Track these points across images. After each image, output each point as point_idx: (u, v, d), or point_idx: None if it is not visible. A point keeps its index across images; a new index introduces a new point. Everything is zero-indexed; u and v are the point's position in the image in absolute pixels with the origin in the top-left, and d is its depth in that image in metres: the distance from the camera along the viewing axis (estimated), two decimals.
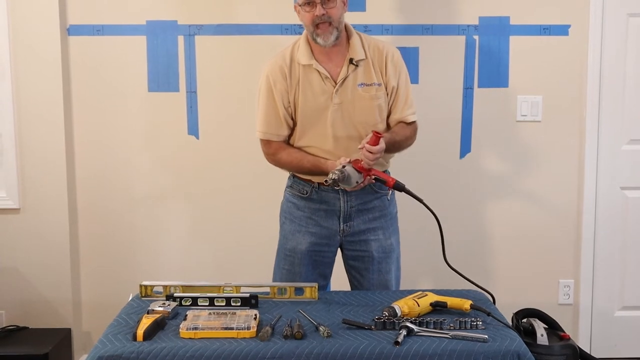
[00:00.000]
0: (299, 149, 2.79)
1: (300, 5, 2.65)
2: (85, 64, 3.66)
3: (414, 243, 3.62)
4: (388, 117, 2.82)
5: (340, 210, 2.80)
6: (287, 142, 2.83)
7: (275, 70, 2.73)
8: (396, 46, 3.51)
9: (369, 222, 2.83)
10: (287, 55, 2.75)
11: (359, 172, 2.53)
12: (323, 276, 2.90)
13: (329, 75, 2.69)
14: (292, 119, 2.77)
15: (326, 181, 2.47)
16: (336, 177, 2.45)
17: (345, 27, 2.76)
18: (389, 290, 2.84)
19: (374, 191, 2.81)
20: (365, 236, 2.83)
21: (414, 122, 2.84)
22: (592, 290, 3.83)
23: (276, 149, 2.80)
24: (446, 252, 3.67)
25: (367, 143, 2.51)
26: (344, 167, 2.50)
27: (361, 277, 2.89)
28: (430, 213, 2.56)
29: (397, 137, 2.75)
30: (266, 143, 2.82)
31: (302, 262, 2.84)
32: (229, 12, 3.63)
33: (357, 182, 2.52)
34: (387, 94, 2.77)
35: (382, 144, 2.53)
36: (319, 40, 2.64)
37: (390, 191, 2.86)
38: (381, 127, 2.77)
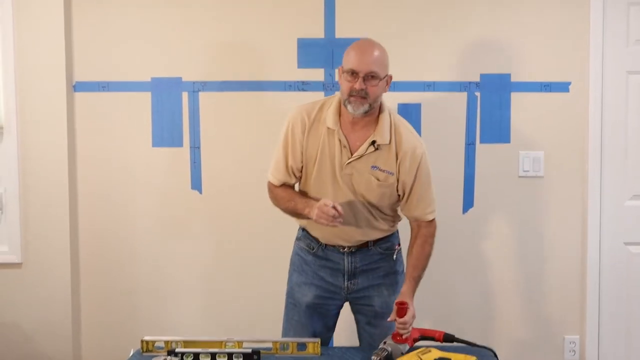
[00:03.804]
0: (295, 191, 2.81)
1: (344, 72, 2.60)
2: (90, 119, 3.70)
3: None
4: (402, 207, 2.81)
5: (344, 269, 2.80)
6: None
7: (297, 120, 2.71)
8: (398, 102, 3.58)
9: (373, 280, 2.82)
10: (312, 112, 2.71)
11: (402, 343, 2.45)
12: (327, 327, 2.89)
13: (347, 146, 2.65)
14: (300, 170, 2.75)
15: None
16: (378, 359, 2.36)
17: (380, 104, 2.70)
18: None
19: (379, 253, 2.82)
20: (368, 292, 2.82)
21: (432, 221, 2.83)
22: (598, 346, 3.79)
23: (278, 187, 2.80)
24: (451, 307, 3.66)
25: (398, 317, 2.48)
26: (385, 342, 2.44)
27: (364, 331, 2.88)
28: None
29: (420, 271, 2.74)
30: (272, 184, 2.83)
31: (306, 313, 2.83)
32: (233, 69, 3.68)
33: (402, 353, 2.41)
34: (400, 187, 2.73)
35: (411, 310, 2.52)
36: (348, 107, 2.59)
37: (396, 250, 2.86)
38: (384, 207, 2.75)
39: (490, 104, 3.71)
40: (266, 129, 3.64)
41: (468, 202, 3.73)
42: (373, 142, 2.64)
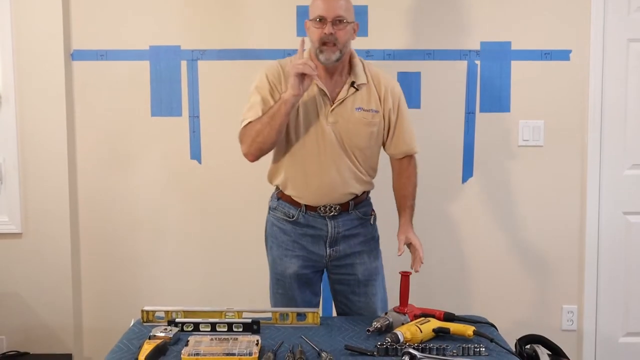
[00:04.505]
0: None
1: (310, 20, 2.64)
2: (88, 88, 3.68)
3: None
4: (389, 145, 2.85)
5: (327, 235, 2.79)
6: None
7: (272, 71, 2.70)
8: (398, 71, 3.59)
9: (354, 247, 2.83)
10: (286, 66, 2.70)
11: (403, 314, 2.46)
12: (314, 294, 2.91)
13: (327, 93, 2.68)
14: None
15: (368, 330, 2.39)
16: (380, 325, 2.38)
17: (350, 51, 2.75)
18: (376, 313, 2.84)
19: (359, 217, 2.83)
20: (350, 260, 2.83)
21: (414, 155, 2.91)
22: (595, 316, 3.82)
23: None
24: (448, 277, 3.67)
25: (402, 289, 2.52)
26: (386, 313, 2.45)
27: (347, 301, 2.88)
28: None
29: (412, 200, 2.87)
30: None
31: (293, 285, 2.83)
32: (232, 37, 3.66)
33: (402, 324, 2.40)
34: (385, 124, 2.79)
35: (416, 239, 2.72)
36: (321, 57, 2.62)
37: (372, 216, 2.88)
38: (368, 153, 2.77)
39: (490, 73, 3.69)
40: None
41: (467, 172, 3.73)
42: (352, 83, 2.69)
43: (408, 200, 2.85)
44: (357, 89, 2.70)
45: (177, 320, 2.41)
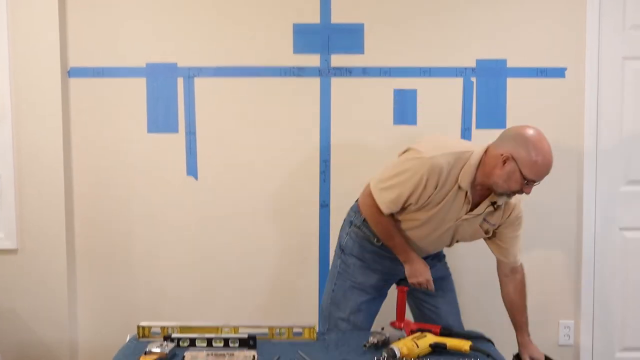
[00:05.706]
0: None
1: (523, 177, 2.64)
2: (85, 105, 3.69)
3: None
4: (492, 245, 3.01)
5: None
6: None
7: (433, 176, 2.69)
8: (394, 88, 3.59)
9: (428, 263, 2.97)
10: (449, 170, 2.71)
11: (399, 329, 2.51)
12: (378, 306, 3.05)
13: (470, 202, 2.76)
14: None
15: (365, 345, 2.44)
16: (376, 341, 2.42)
17: None
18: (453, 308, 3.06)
19: (434, 255, 3.07)
20: None
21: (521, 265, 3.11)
22: (592, 331, 3.81)
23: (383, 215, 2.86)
24: None
25: (398, 304, 2.65)
26: (383, 328, 2.49)
27: (426, 304, 3.04)
28: None
29: (526, 312, 3.12)
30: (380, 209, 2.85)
31: (367, 294, 2.95)
32: (228, 54, 3.67)
33: (399, 339, 2.43)
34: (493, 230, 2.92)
35: (538, 351, 2.97)
36: (504, 198, 2.76)
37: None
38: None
39: (486, 90, 3.70)
40: (261, 114, 3.65)
41: None
42: (493, 203, 2.78)
43: (523, 315, 3.07)
44: (495, 209, 2.79)
45: (173, 335, 2.41)
